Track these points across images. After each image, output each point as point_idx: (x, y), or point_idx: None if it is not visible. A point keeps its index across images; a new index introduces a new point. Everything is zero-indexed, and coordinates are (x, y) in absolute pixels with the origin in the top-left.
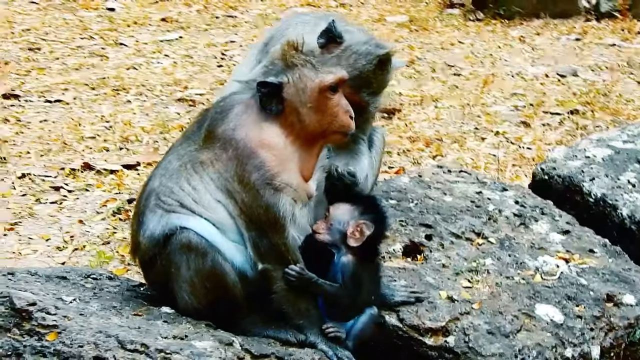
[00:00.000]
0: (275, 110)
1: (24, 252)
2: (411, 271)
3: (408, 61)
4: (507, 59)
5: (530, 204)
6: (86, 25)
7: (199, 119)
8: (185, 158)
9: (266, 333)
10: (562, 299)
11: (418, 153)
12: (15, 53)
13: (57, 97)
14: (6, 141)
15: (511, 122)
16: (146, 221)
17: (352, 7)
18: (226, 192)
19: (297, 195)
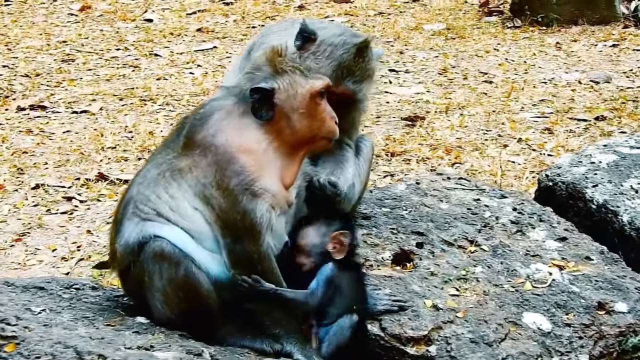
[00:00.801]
0: (265, 116)
1: (29, 262)
2: (397, 279)
3: (440, 69)
4: (541, 65)
5: (529, 210)
6: (122, 36)
7: (178, 127)
8: (164, 166)
9: (242, 343)
10: (551, 307)
11: (437, 161)
12: (49, 65)
13: (84, 107)
14: (26, 152)
15: (536, 129)
16: (122, 229)
17: (391, 15)
18: (204, 199)
19: (275, 202)
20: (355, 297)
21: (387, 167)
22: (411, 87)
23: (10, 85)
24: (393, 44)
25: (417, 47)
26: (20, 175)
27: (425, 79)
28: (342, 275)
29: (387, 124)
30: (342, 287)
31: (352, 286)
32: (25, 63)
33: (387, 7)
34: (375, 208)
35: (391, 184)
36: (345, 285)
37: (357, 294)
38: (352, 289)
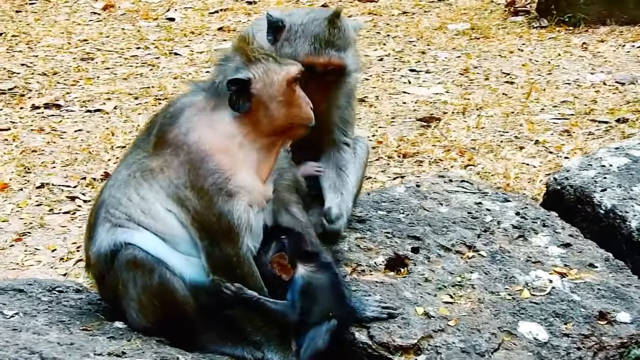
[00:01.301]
0: (243, 107)
1: (28, 263)
2: (389, 285)
3: (462, 69)
4: (565, 66)
5: (532, 215)
6: (143, 35)
7: (148, 126)
8: (134, 167)
9: (222, 350)
10: (549, 316)
11: (449, 163)
12: (67, 63)
13: (98, 106)
14: (35, 151)
15: (554, 131)
16: (95, 235)
17: (415, 15)
18: (177, 200)
19: (253, 199)
20: (332, 300)
21: (398, 169)
22: (430, 87)
23: (27, 84)
24: (415, 44)
25: (439, 47)
26: (27, 174)
27: (446, 79)
28: (315, 281)
29: (401, 124)
30: (317, 294)
31: (328, 290)
32: (44, 61)
33: (412, 7)
34: (371, 211)
35: (387, 186)
36: (321, 290)
37: (333, 298)
38: (327, 293)
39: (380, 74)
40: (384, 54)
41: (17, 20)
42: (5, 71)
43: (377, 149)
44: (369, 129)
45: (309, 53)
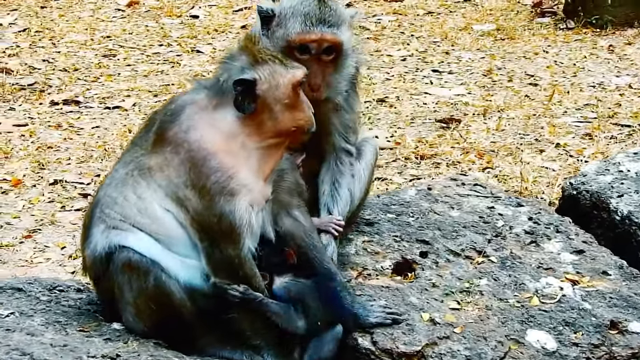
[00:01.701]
0: (248, 109)
1: (37, 260)
2: (395, 290)
3: (485, 70)
4: (591, 69)
5: (545, 220)
6: (166, 32)
7: (147, 123)
8: (132, 165)
9: (222, 354)
10: (559, 325)
11: (467, 165)
12: (89, 60)
13: (117, 103)
14: (51, 147)
15: (576, 134)
16: (90, 237)
17: (440, 15)
18: (176, 199)
19: (253, 199)
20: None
21: (414, 171)
22: (452, 88)
23: (48, 80)
24: (439, 44)
25: (464, 48)
26: (41, 170)
27: (468, 80)
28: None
29: (420, 125)
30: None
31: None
32: (65, 57)
33: (437, 7)
34: (380, 214)
35: (398, 190)
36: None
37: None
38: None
39: (403, 74)
40: (407, 54)
41: (41, 16)
42: (27, 66)
43: (394, 150)
44: (388, 130)
45: (300, 31)
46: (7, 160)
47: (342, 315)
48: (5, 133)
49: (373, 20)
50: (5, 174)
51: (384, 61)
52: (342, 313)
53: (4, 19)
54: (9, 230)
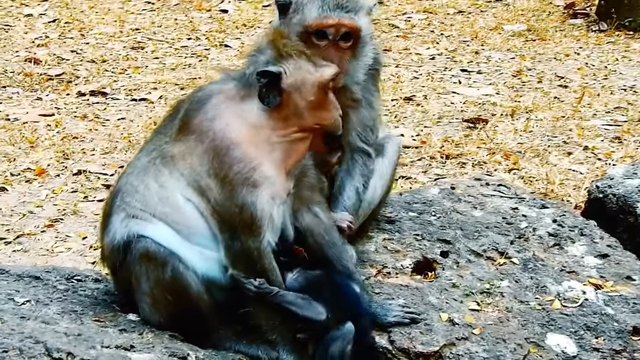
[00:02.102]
0: (273, 102)
1: (57, 249)
2: (414, 289)
3: (515, 71)
4: (622, 72)
5: (570, 223)
6: (195, 26)
7: (172, 111)
8: (155, 153)
9: (237, 348)
10: (580, 329)
11: (493, 166)
12: (117, 51)
13: (144, 95)
14: (76, 137)
15: (605, 137)
16: (109, 225)
17: (471, 14)
18: (198, 189)
19: (275, 191)
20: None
21: (439, 170)
22: (480, 88)
23: (75, 71)
24: (469, 44)
25: (494, 48)
26: (65, 160)
27: (497, 80)
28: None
29: (447, 125)
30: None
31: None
32: (94, 49)
33: (468, 6)
34: (402, 212)
35: (421, 188)
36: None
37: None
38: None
39: (431, 73)
40: (436, 53)
41: (71, 7)
42: (55, 57)
43: (420, 149)
44: (414, 128)
45: (317, 16)
46: (32, 150)
47: (360, 313)
48: (31, 122)
49: (403, 19)
50: (29, 163)
51: (412, 59)
52: (359, 311)
53: (35, 9)
54: (31, 219)
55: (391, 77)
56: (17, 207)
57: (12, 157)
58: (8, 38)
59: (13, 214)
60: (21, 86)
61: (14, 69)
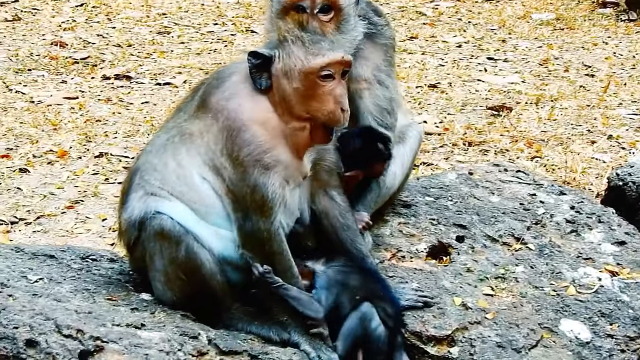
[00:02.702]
0: (264, 84)
1: (77, 230)
2: (428, 273)
3: (541, 60)
4: None
5: (588, 210)
6: (222, 11)
7: (195, 89)
8: (174, 131)
9: (248, 328)
10: (594, 315)
11: (516, 153)
12: (143, 36)
13: (168, 80)
14: (99, 120)
15: (630, 127)
16: (127, 202)
17: (499, 3)
18: (213, 167)
19: (289, 175)
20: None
21: (461, 157)
22: (506, 76)
23: (101, 54)
24: (496, 32)
25: (521, 36)
26: (88, 143)
27: (523, 69)
28: (344, 271)
29: (471, 112)
30: (348, 283)
31: (361, 277)
32: (120, 33)
33: None
34: (418, 196)
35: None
36: (352, 278)
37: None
38: (361, 280)
39: (457, 60)
40: (462, 41)
41: None
42: (81, 41)
43: (442, 136)
44: (437, 115)
45: None
46: (55, 132)
47: (393, 297)
48: (55, 105)
49: (431, 6)
50: (52, 145)
51: (439, 47)
52: (391, 295)
53: None
54: (52, 200)
55: (416, 64)
56: (38, 188)
57: (35, 139)
58: (35, 21)
59: (34, 195)
60: (46, 69)
61: (39, 52)
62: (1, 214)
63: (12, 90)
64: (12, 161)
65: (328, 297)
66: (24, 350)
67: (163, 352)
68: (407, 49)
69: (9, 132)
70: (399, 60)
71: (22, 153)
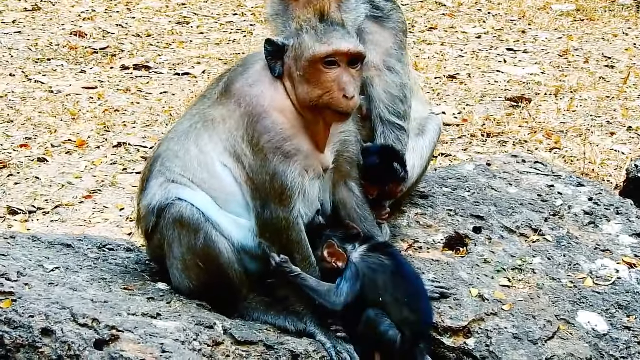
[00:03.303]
0: (278, 71)
1: (95, 220)
2: (445, 264)
3: (561, 51)
4: None
5: (606, 202)
6: (241, 2)
7: (220, 77)
8: (197, 117)
9: (265, 319)
10: (612, 307)
11: (534, 145)
12: (162, 26)
13: (187, 70)
14: (118, 110)
15: None
16: (147, 188)
17: None
18: (234, 154)
19: (309, 164)
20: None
21: (480, 148)
22: (525, 67)
23: (120, 44)
24: (516, 23)
25: (541, 27)
26: (106, 132)
27: (543, 60)
28: (375, 269)
29: (490, 103)
30: (377, 281)
31: (391, 279)
32: (139, 23)
33: None
34: (435, 187)
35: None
36: (382, 279)
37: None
38: (389, 282)
39: (476, 51)
40: (482, 32)
41: None
42: (101, 31)
43: (461, 127)
44: (456, 107)
45: None
46: (74, 122)
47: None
48: (74, 95)
49: None
50: (70, 135)
51: (458, 38)
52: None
53: None
54: (70, 189)
55: (436, 55)
56: (56, 177)
57: (53, 128)
58: (55, 11)
59: (52, 185)
60: (66, 59)
61: (59, 42)
62: (19, 203)
63: (32, 80)
64: (30, 150)
65: (352, 289)
66: (40, 339)
67: (179, 342)
68: (427, 40)
69: (28, 122)
70: (418, 51)
71: (41, 142)
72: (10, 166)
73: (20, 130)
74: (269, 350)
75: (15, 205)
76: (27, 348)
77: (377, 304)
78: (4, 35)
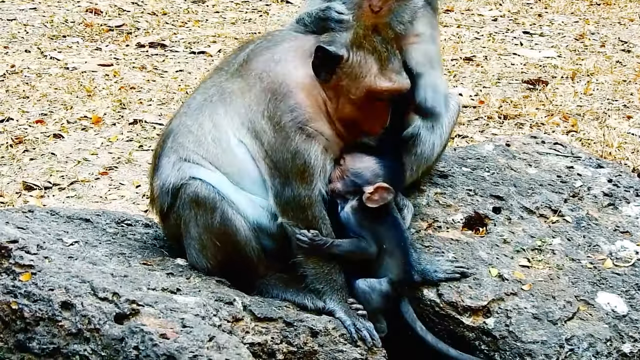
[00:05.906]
0: (321, 76)
1: (111, 197)
2: (464, 244)
3: (577, 35)
4: None
5: (625, 183)
6: None
7: (240, 47)
8: (213, 90)
9: (283, 296)
10: (631, 289)
11: (551, 127)
12: (178, 4)
13: (203, 48)
14: (133, 88)
15: None
16: (160, 167)
17: None
18: (252, 131)
19: (329, 147)
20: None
21: (497, 130)
22: (542, 50)
23: (136, 22)
24: (532, 6)
25: (557, 11)
26: (122, 110)
27: (559, 43)
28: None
29: (506, 85)
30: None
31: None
32: (155, 1)
33: None
34: (455, 167)
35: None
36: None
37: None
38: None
39: (493, 34)
40: (498, 15)
41: None
42: (116, 8)
43: (477, 108)
44: (473, 88)
45: None
46: (90, 99)
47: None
48: (89, 72)
49: None
50: (86, 112)
51: (474, 20)
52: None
53: None
54: (86, 166)
55: (452, 37)
56: (72, 154)
57: (69, 105)
58: None
59: (68, 161)
60: (81, 36)
61: (74, 19)
62: (35, 179)
63: (47, 57)
64: (46, 127)
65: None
66: (59, 313)
67: (199, 317)
68: (443, 22)
69: (44, 98)
70: None
71: (57, 119)
72: (26, 142)
73: (35, 106)
74: (288, 327)
75: (31, 181)
76: (47, 321)
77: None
78: (19, 11)
